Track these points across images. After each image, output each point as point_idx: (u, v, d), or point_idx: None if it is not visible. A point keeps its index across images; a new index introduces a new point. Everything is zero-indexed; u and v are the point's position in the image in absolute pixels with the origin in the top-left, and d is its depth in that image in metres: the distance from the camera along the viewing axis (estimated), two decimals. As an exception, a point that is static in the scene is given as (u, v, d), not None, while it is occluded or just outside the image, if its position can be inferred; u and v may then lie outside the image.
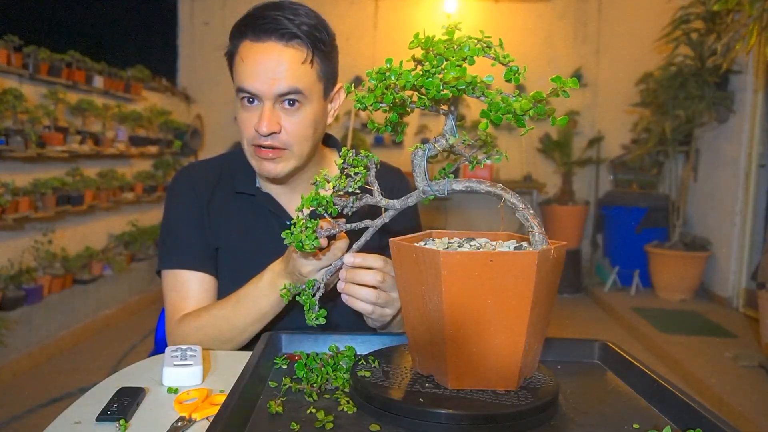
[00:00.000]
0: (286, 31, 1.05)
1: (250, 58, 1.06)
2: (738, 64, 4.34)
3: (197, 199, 1.19)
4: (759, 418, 2.61)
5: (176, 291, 1.15)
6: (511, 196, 0.75)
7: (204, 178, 1.22)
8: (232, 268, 1.17)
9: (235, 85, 1.10)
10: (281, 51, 1.05)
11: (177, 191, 1.22)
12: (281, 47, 1.05)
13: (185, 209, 1.19)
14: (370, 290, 0.96)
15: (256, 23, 1.06)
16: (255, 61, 1.05)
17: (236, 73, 1.09)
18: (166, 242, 1.19)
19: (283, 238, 0.83)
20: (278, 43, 1.05)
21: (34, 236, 3.61)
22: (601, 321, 4.52)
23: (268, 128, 1.05)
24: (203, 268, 1.15)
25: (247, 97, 1.08)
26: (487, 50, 0.69)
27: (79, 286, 3.92)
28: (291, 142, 1.08)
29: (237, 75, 1.09)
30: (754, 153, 4.30)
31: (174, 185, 1.23)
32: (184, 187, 1.21)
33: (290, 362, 0.91)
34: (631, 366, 0.85)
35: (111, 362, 3.35)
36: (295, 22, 1.05)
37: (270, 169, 1.10)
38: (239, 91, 1.08)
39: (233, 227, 1.19)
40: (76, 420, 0.77)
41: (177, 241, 1.17)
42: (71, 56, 3.95)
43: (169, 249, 1.17)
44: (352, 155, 0.83)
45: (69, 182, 3.85)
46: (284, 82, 1.05)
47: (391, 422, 0.70)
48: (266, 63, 1.05)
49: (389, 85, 0.69)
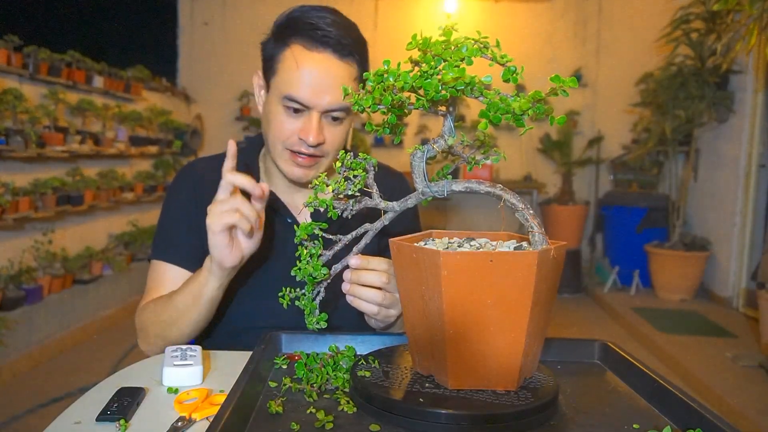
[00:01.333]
0: (343, 45, 1.04)
1: (304, 67, 1.04)
2: (738, 64, 4.35)
3: (196, 198, 1.20)
4: (759, 418, 2.61)
5: (154, 281, 1.18)
6: (511, 196, 0.75)
7: (206, 176, 1.22)
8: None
9: (277, 88, 1.07)
10: (337, 66, 1.05)
11: (177, 188, 1.23)
12: (337, 61, 1.05)
13: (181, 207, 1.21)
14: (376, 291, 0.96)
15: (311, 30, 1.04)
16: (310, 71, 1.03)
17: (284, 76, 1.06)
18: (158, 235, 1.22)
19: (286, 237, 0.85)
20: (334, 56, 1.04)
21: (34, 236, 3.61)
22: (601, 321, 4.52)
23: (317, 140, 1.06)
24: (185, 264, 1.17)
25: (294, 107, 1.06)
26: (484, 50, 0.69)
27: (79, 286, 3.92)
28: (328, 151, 1.11)
29: (285, 79, 1.06)
30: (754, 153, 4.30)
31: (176, 181, 1.25)
32: (185, 184, 1.23)
33: (290, 362, 0.91)
34: (631, 366, 0.85)
35: (111, 362, 3.35)
36: (350, 37, 1.06)
37: (302, 175, 1.12)
38: (287, 99, 1.06)
39: None
40: (76, 420, 0.77)
41: (167, 236, 1.20)
42: (71, 56, 3.96)
43: (159, 242, 1.20)
44: (350, 158, 0.84)
45: (69, 182, 3.85)
46: (336, 97, 1.05)
47: (391, 422, 0.70)
48: (322, 76, 1.04)
49: (387, 86, 0.69)
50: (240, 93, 5.87)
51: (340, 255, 0.90)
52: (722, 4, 3.60)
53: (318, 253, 0.87)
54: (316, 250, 0.87)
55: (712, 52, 4.34)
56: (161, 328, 1.10)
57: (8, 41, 3.37)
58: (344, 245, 0.88)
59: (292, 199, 1.22)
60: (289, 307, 1.04)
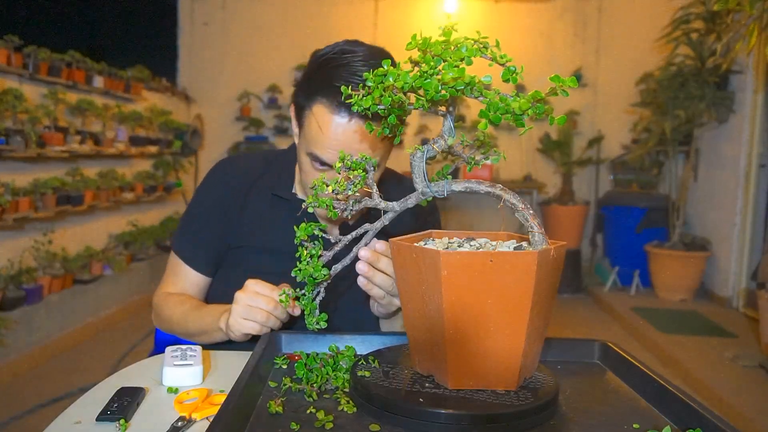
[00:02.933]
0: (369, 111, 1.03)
1: (328, 130, 1.02)
2: (738, 64, 4.34)
3: (227, 197, 1.22)
4: (759, 418, 2.61)
5: (171, 273, 1.25)
6: (511, 196, 0.75)
7: (243, 175, 1.24)
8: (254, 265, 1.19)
9: (305, 143, 1.07)
10: (362, 130, 1.02)
11: (210, 182, 1.26)
12: (362, 126, 1.01)
13: (209, 208, 1.23)
14: (387, 277, 0.98)
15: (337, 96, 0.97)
16: (334, 135, 1.02)
17: (310, 135, 1.05)
18: (182, 228, 1.26)
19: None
20: (359, 120, 1.01)
21: (34, 236, 3.61)
22: (601, 321, 4.52)
23: None
24: (202, 269, 1.23)
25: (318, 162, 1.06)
26: (484, 50, 0.69)
27: (79, 286, 3.92)
28: None
29: (310, 138, 1.05)
30: (754, 153, 4.30)
31: (211, 175, 1.26)
32: (218, 180, 1.25)
33: (290, 362, 0.91)
34: (631, 366, 0.85)
35: (111, 362, 3.35)
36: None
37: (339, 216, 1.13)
38: (311, 156, 1.06)
39: (263, 226, 1.21)
40: (76, 420, 0.77)
41: (190, 234, 1.25)
42: (71, 56, 3.95)
43: (182, 236, 1.25)
44: (350, 158, 0.84)
45: (69, 182, 3.85)
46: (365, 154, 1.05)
47: (391, 422, 0.70)
48: (346, 141, 1.02)
49: (387, 86, 0.69)
50: (240, 93, 5.87)
51: (340, 255, 0.90)
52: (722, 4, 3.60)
53: (318, 254, 0.87)
54: (316, 251, 0.87)
55: (712, 52, 4.34)
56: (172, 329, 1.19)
57: (8, 41, 3.37)
58: (344, 245, 0.88)
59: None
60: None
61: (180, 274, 1.24)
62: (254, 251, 1.20)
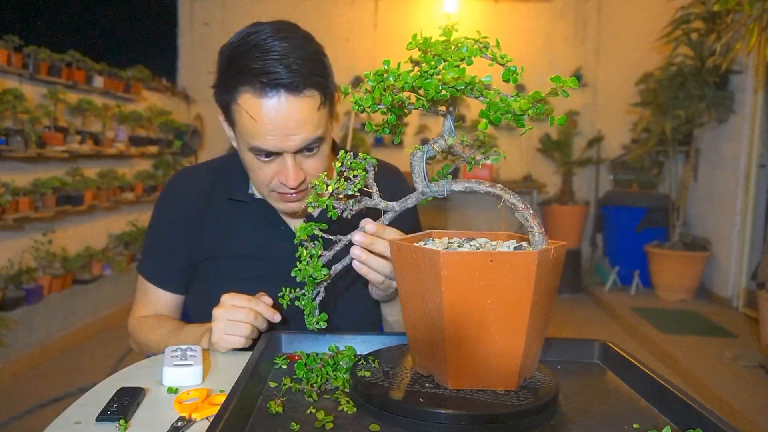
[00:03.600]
0: (296, 82, 0.95)
1: (260, 116, 0.96)
2: (738, 64, 4.34)
3: (184, 211, 1.19)
4: (759, 418, 2.61)
5: (142, 295, 1.23)
6: (511, 196, 0.75)
7: (197, 186, 1.21)
8: (227, 274, 1.17)
9: (242, 139, 1.02)
10: (296, 104, 0.97)
11: (167, 198, 1.22)
12: (295, 99, 0.96)
13: (169, 224, 1.20)
14: (385, 262, 0.93)
15: (260, 78, 0.95)
16: (269, 119, 0.96)
17: (243, 128, 1.00)
18: (146, 248, 1.24)
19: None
20: (290, 95, 0.96)
21: (34, 236, 3.61)
22: (601, 321, 4.52)
23: (296, 181, 1.03)
24: (171, 288, 1.21)
25: (264, 153, 1.01)
26: (484, 50, 0.69)
27: (79, 286, 3.92)
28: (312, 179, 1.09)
29: (244, 131, 1.00)
30: (754, 153, 4.30)
31: (165, 191, 1.23)
32: (174, 195, 1.21)
33: (290, 362, 0.91)
34: (631, 366, 0.85)
35: (111, 362, 3.35)
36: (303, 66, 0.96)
37: (295, 208, 1.11)
38: (253, 150, 1.01)
39: (228, 233, 1.18)
40: (76, 420, 0.77)
41: (154, 254, 1.22)
42: (71, 56, 3.96)
43: (146, 257, 1.23)
44: (350, 158, 0.84)
45: (69, 182, 3.85)
46: (305, 135, 0.99)
47: (391, 422, 0.70)
48: (282, 120, 0.96)
49: (387, 86, 0.69)
50: (240, 93, 5.87)
51: (340, 255, 0.90)
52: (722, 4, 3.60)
53: (318, 254, 0.87)
54: (316, 251, 0.87)
55: (712, 52, 4.33)
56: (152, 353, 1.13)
57: (8, 41, 3.37)
58: (344, 245, 0.88)
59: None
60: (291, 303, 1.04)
61: (150, 295, 1.21)
62: (223, 260, 1.17)
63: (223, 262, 1.18)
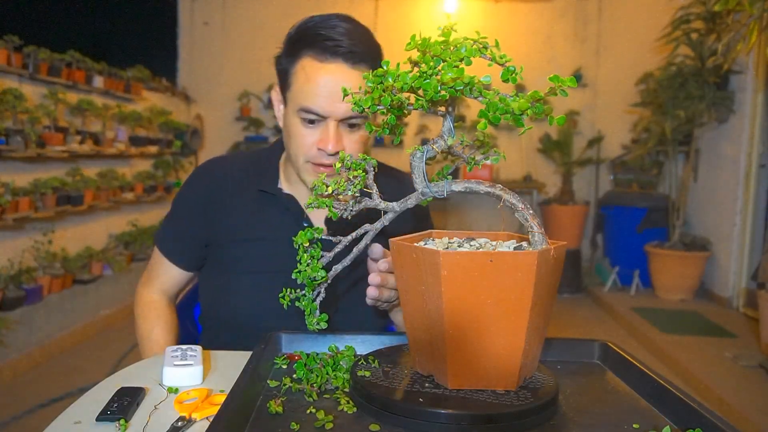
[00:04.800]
0: (353, 53, 1.05)
1: (317, 78, 1.05)
2: (738, 64, 4.34)
3: (209, 197, 1.23)
4: (759, 418, 2.61)
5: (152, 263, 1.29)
6: (511, 196, 0.75)
7: (227, 175, 1.25)
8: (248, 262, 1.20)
9: (293, 100, 1.10)
10: (349, 74, 1.05)
11: (193, 182, 1.27)
12: (349, 70, 1.06)
13: (192, 208, 1.24)
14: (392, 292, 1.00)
15: (322, 41, 1.05)
16: (323, 82, 1.05)
17: (298, 90, 1.08)
18: (166, 224, 1.29)
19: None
20: (345, 64, 1.05)
21: (34, 236, 3.61)
22: (601, 321, 4.52)
23: (335, 148, 1.07)
24: (175, 261, 1.26)
25: (310, 118, 1.08)
26: (483, 51, 0.69)
27: (79, 286, 3.92)
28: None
29: (299, 92, 1.08)
30: (754, 153, 4.30)
31: (194, 175, 1.28)
32: (201, 181, 1.26)
33: (290, 362, 0.91)
34: (631, 366, 0.85)
35: (111, 362, 3.35)
36: (360, 44, 1.07)
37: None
38: (303, 111, 1.08)
39: (251, 223, 1.21)
40: (76, 420, 0.77)
41: (173, 231, 1.27)
42: (71, 56, 3.96)
43: (165, 232, 1.28)
44: (350, 159, 0.84)
45: (69, 182, 3.85)
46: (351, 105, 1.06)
47: (391, 422, 0.70)
48: (334, 85, 1.04)
49: (387, 87, 0.69)
50: (240, 93, 5.87)
51: (341, 256, 0.90)
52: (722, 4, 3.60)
53: (318, 256, 0.87)
54: (316, 253, 0.87)
55: (712, 52, 4.33)
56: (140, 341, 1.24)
57: (8, 41, 3.37)
58: (344, 246, 0.88)
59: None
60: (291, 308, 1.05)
61: (160, 268, 1.27)
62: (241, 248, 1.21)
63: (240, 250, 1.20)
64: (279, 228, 1.20)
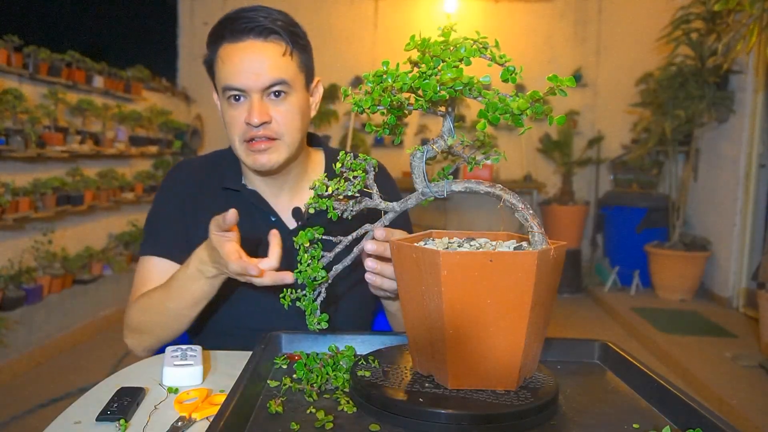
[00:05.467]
0: (262, 27, 1.09)
1: (232, 58, 1.09)
2: (738, 64, 4.34)
3: (182, 197, 1.23)
4: (759, 418, 2.61)
5: (140, 274, 1.20)
6: (511, 196, 0.75)
7: (193, 176, 1.25)
8: None
9: (219, 86, 1.13)
10: (262, 47, 1.09)
11: (165, 188, 1.27)
12: (261, 43, 1.09)
13: (168, 205, 1.23)
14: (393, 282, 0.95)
15: (233, 26, 1.09)
16: (238, 59, 1.09)
17: (219, 75, 1.12)
18: (146, 232, 1.25)
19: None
20: (257, 40, 1.09)
21: (34, 236, 3.61)
22: (601, 321, 4.52)
23: (260, 118, 1.08)
24: (169, 255, 1.19)
25: (233, 95, 1.10)
26: (483, 51, 0.69)
27: (79, 286, 3.92)
28: (282, 131, 1.11)
29: (220, 76, 1.12)
30: (754, 153, 4.30)
31: (164, 183, 1.28)
32: (171, 184, 1.26)
33: (290, 362, 0.91)
34: (631, 366, 0.85)
35: (111, 362, 3.35)
36: (270, 19, 1.10)
37: (264, 161, 1.12)
38: (225, 90, 1.11)
39: None
40: (76, 420, 0.77)
41: (155, 231, 1.23)
42: (71, 56, 3.95)
43: (147, 238, 1.23)
44: (350, 159, 0.84)
45: (69, 182, 3.85)
46: (269, 74, 1.09)
47: (391, 422, 0.70)
48: (249, 59, 1.08)
49: (386, 87, 0.69)
50: (240, 93, 5.87)
51: (341, 256, 0.90)
52: (722, 4, 3.60)
53: (319, 256, 0.87)
54: (317, 254, 0.87)
55: (712, 52, 4.33)
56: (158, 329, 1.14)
57: (8, 41, 3.37)
58: (344, 246, 0.88)
59: (277, 199, 1.23)
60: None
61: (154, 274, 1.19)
62: None
63: None
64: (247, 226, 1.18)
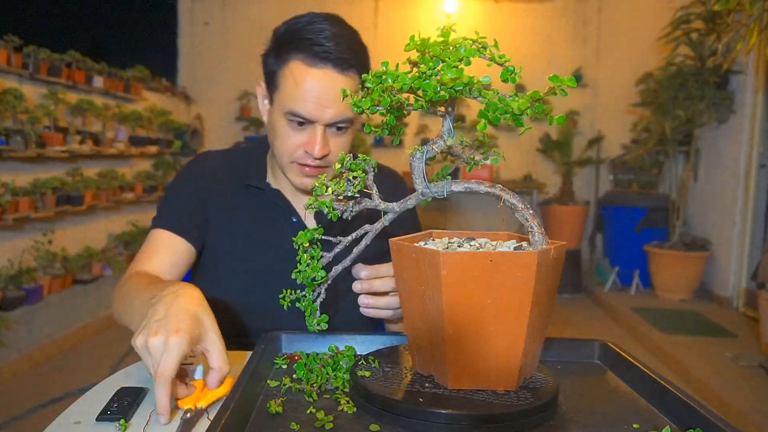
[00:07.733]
0: (342, 60, 1.06)
1: (305, 83, 1.05)
2: (738, 64, 4.34)
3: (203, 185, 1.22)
4: (759, 418, 2.61)
5: (147, 245, 1.16)
6: (510, 196, 0.75)
7: (217, 167, 1.25)
8: (235, 257, 1.20)
9: (281, 103, 1.09)
10: (338, 80, 1.06)
11: (186, 172, 1.26)
12: (337, 75, 1.06)
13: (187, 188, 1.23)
14: (388, 299, 1.00)
15: (312, 48, 1.05)
16: (311, 87, 1.05)
17: (286, 92, 1.08)
18: (161, 207, 1.22)
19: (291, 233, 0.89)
20: (334, 70, 1.06)
21: (34, 236, 3.61)
22: (601, 321, 4.52)
23: (322, 152, 1.08)
24: (180, 231, 1.16)
25: (298, 121, 1.08)
26: (482, 51, 0.69)
27: (79, 286, 3.93)
28: (333, 161, 1.11)
29: (287, 95, 1.08)
30: (754, 153, 4.30)
31: (186, 167, 1.27)
32: (194, 170, 1.25)
33: (290, 362, 0.91)
34: (631, 366, 0.85)
35: (111, 362, 3.35)
36: (349, 50, 1.07)
37: (310, 185, 1.12)
38: (291, 114, 1.08)
39: (240, 218, 1.21)
40: (76, 420, 0.77)
41: (170, 207, 1.20)
42: (71, 56, 3.96)
43: (158, 214, 1.21)
44: (349, 159, 0.84)
45: (69, 182, 3.85)
46: (339, 111, 1.07)
47: (391, 422, 0.70)
48: (323, 89, 1.05)
49: (386, 87, 0.69)
50: (240, 93, 5.87)
51: (341, 256, 0.90)
52: (722, 4, 3.60)
53: (318, 256, 0.87)
54: (316, 254, 0.87)
55: (712, 52, 4.34)
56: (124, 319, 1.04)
57: (8, 41, 3.37)
58: (345, 247, 0.88)
59: (299, 199, 1.23)
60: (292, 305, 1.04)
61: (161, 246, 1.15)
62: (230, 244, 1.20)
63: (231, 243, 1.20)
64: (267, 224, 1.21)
